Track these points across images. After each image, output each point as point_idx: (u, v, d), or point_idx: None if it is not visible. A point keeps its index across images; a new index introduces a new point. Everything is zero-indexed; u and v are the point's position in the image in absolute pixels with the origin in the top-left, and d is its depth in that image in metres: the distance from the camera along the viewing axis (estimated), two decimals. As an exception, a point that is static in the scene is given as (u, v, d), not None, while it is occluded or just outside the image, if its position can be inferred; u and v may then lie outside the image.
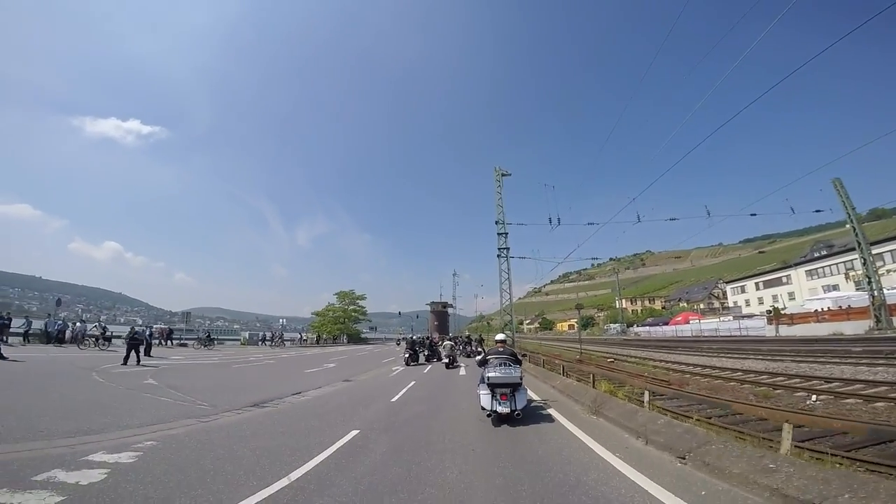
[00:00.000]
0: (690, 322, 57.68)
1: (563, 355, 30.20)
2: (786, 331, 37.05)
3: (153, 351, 21.60)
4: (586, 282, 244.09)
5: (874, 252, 55.25)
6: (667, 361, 23.18)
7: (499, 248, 24.76)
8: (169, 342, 30.78)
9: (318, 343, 45.66)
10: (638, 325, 74.16)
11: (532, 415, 8.23)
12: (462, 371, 17.83)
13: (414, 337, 28.66)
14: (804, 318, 36.69)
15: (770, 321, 39.96)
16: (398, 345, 29.03)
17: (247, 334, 43.49)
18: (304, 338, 45.06)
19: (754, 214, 26.44)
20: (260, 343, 38.95)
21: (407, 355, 22.31)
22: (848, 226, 36.81)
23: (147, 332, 23.15)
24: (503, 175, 28.28)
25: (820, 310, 36.58)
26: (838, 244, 76.25)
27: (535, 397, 9.89)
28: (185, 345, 34.22)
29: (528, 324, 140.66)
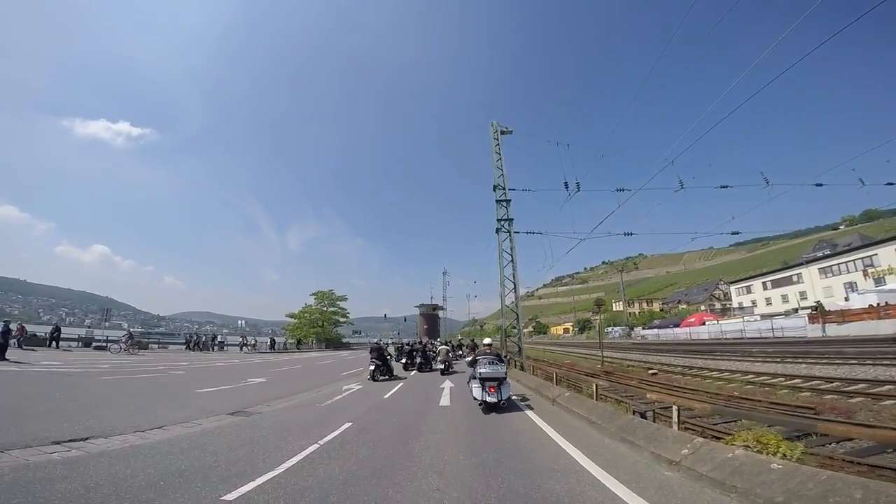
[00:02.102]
0: (707, 323, 51.68)
1: (577, 364, 23.90)
2: (834, 330, 31.18)
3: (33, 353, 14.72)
4: (579, 285, 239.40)
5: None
6: (731, 371, 16.91)
7: (498, 220, 18.27)
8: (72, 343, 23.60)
9: (272, 348, 38.70)
10: (644, 328, 68.09)
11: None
12: (444, 397, 11.07)
13: (381, 342, 21.77)
14: (857, 314, 30.77)
15: (812, 319, 33.97)
16: (398, 350, 22.89)
17: (240, 339, 37.34)
18: (250, 342, 37.92)
19: (820, 185, 21.14)
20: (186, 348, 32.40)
21: (372, 367, 16.00)
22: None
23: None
24: (502, 133, 21.83)
25: (876, 304, 30.71)
26: (842, 243, 73.03)
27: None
28: (103, 348, 27.47)
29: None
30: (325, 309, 67.59)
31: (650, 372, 16.99)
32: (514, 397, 9.59)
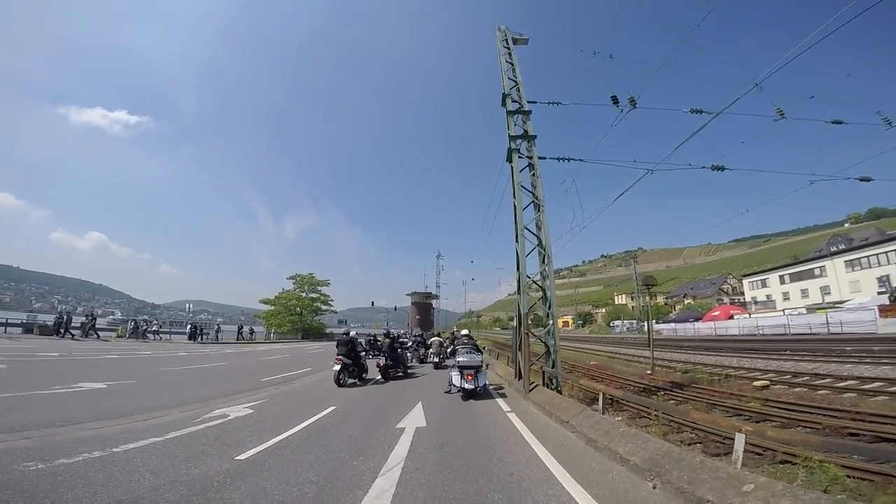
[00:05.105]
0: (736, 317, 45.44)
1: (610, 367, 17.35)
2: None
3: None
4: (577, 278, 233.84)
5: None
6: (888, 381, 10.39)
7: (511, 139, 11.53)
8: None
9: (194, 337, 28.80)
10: (658, 322, 61.85)
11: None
12: (389, 474, 4.12)
13: (355, 334, 14.84)
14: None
15: (886, 312, 27.66)
16: (369, 345, 16.31)
17: (130, 324, 29.44)
18: (152, 328, 28.74)
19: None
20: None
21: (337, 367, 11.27)
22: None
23: None
24: (514, 42, 14.70)
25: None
26: (858, 238, 68.62)
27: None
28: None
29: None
30: (303, 295, 60.83)
31: (756, 384, 10.43)
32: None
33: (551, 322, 9.72)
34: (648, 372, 14.37)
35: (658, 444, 4.00)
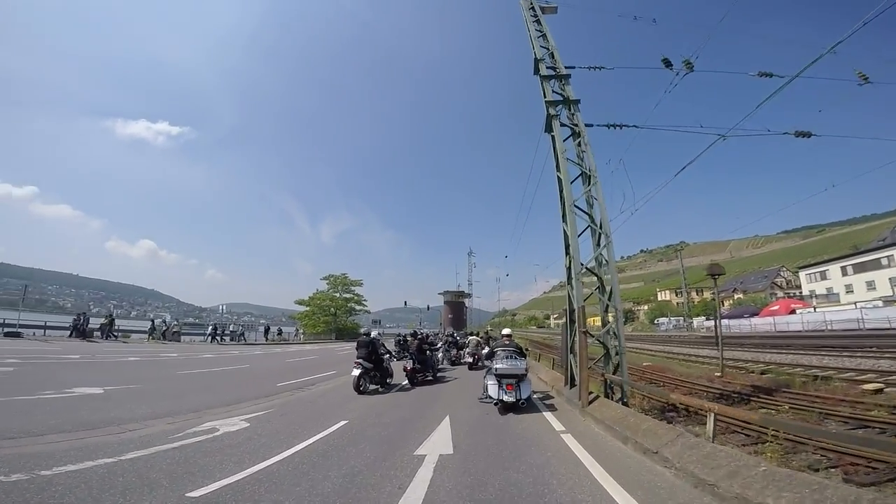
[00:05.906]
0: (799, 312, 41.62)
1: (669, 369, 15.36)
2: None
3: None
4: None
5: None
6: None
7: (548, 105, 9.99)
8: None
9: (215, 338, 27.69)
10: (708, 318, 58.27)
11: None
12: None
13: (378, 334, 13.39)
14: None
15: None
16: (398, 345, 15.29)
17: (150, 324, 28.21)
18: (172, 328, 27.41)
19: None
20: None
21: (357, 373, 10.15)
22: None
23: None
24: (542, 10, 12.86)
25: None
26: None
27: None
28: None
29: (555, 318, 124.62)
30: (337, 295, 60.81)
31: (867, 387, 8.36)
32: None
33: (612, 318, 8.07)
34: (718, 374, 12.38)
35: (843, 489, 2.33)
